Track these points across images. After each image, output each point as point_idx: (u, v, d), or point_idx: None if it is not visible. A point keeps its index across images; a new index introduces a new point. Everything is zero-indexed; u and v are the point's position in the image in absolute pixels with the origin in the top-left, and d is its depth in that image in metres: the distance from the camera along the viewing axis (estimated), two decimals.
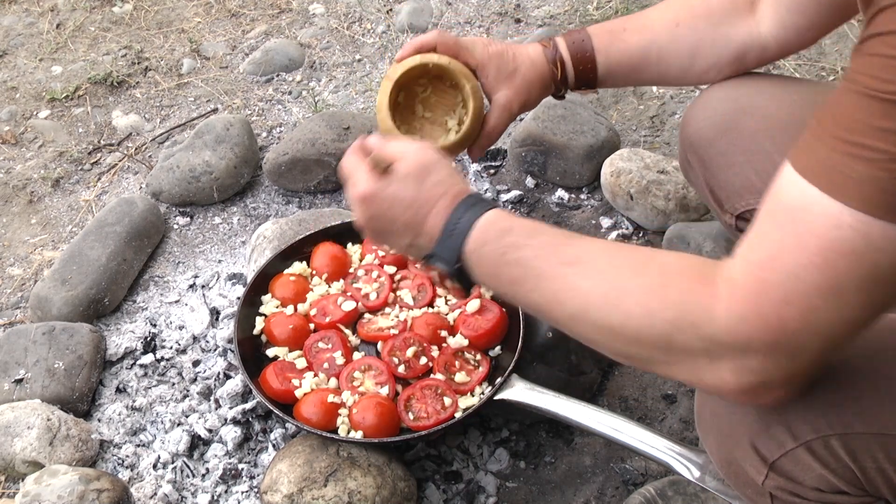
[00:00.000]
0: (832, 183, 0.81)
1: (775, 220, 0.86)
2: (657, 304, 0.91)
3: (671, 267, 0.93)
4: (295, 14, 2.99)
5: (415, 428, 1.58)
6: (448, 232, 1.10)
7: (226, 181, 2.27)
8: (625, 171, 2.07)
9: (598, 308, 0.96)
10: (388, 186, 1.14)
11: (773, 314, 0.84)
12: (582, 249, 1.01)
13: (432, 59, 1.36)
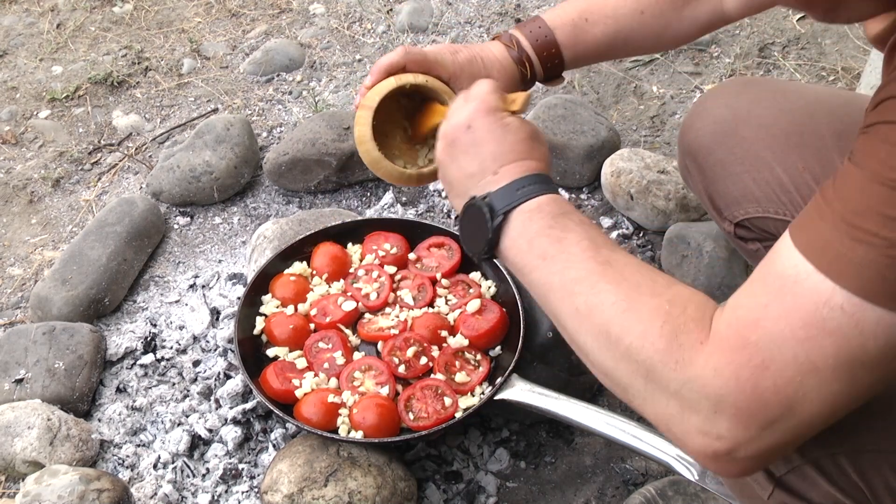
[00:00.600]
0: (830, 262, 0.80)
1: (766, 284, 0.86)
2: (656, 328, 0.91)
3: (680, 298, 0.93)
4: (295, 14, 2.99)
5: (415, 428, 1.58)
6: (516, 185, 1.09)
7: (226, 181, 2.27)
8: (625, 171, 2.07)
9: (605, 311, 0.96)
10: (508, 121, 1.13)
11: (748, 376, 0.83)
12: (616, 256, 1.01)
13: (409, 80, 1.30)
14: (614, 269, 0.99)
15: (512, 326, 1.71)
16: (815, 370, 0.81)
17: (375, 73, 1.32)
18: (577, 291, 1.00)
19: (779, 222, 1.46)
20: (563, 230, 1.04)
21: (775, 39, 2.64)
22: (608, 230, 2.11)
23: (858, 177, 0.81)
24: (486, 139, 1.13)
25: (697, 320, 0.90)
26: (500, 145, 1.12)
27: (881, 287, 0.78)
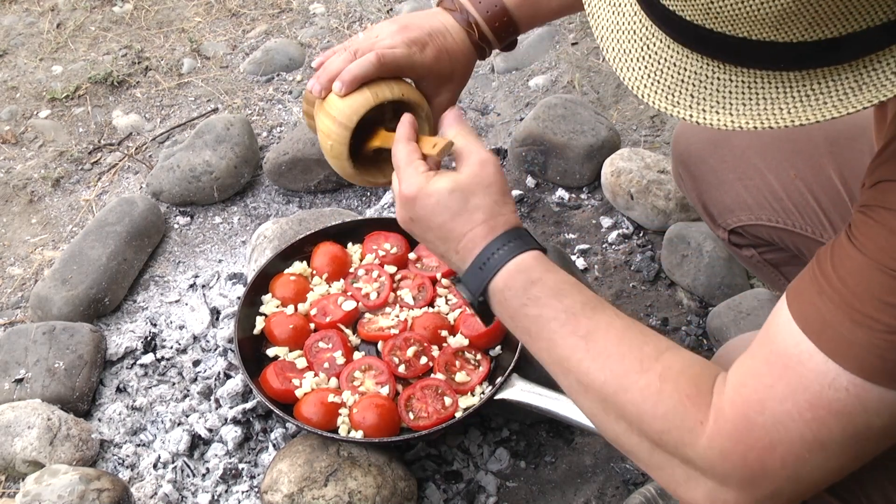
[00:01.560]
0: (831, 344, 0.81)
1: (769, 362, 0.86)
2: (650, 410, 0.92)
3: (671, 373, 0.93)
4: (295, 14, 2.99)
5: (415, 427, 1.58)
6: (478, 264, 1.07)
7: (226, 181, 2.27)
8: (625, 171, 2.07)
9: (598, 390, 0.97)
10: (435, 199, 1.09)
11: (755, 458, 0.85)
12: (596, 325, 1.00)
13: (386, 97, 1.23)
14: (596, 343, 0.98)
15: None
16: (823, 447, 0.83)
17: (349, 83, 1.23)
18: (567, 369, 1.01)
19: (771, 229, 1.45)
20: (536, 306, 1.03)
21: None
22: (608, 230, 2.11)
23: (859, 260, 0.82)
24: (427, 225, 1.11)
25: (693, 397, 0.90)
26: (443, 226, 1.10)
27: (882, 368, 0.79)
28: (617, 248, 2.08)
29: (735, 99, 0.85)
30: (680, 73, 0.87)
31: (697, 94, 0.87)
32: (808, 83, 0.81)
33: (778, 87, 0.83)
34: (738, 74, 0.84)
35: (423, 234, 1.14)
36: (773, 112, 0.83)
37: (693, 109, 0.87)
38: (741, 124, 0.84)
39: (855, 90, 0.80)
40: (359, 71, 1.21)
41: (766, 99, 0.83)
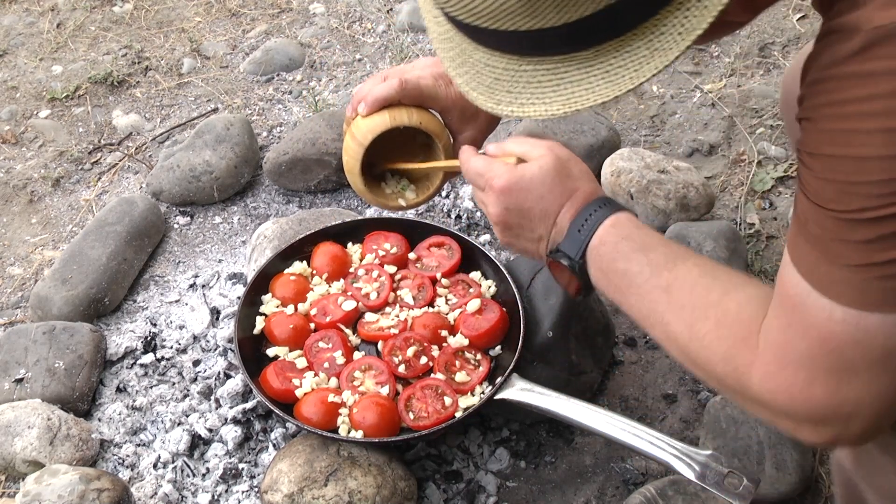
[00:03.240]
0: (819, 282, 0.85)
1: (783, 305, 0.91)
2: (711, 357, 0.99)
3: (727, 318, 0.98)
4: (295, 13, 2.99)
5: (415, 427, 1.58)
6: (577, 226, 1.12)
7: (226, 181, 2.27)
8: (625, 171, 2.07)
9: (675, 343, 1.04)
10: (529, 178, 1.14)
11: (798, 393, 0.90)
12: (676, 276, 1.05)
13: (403, 122, 1.29)
14: (675, 295, 1.03)
15: (512, 326, 1.71)
16: (852, 375, 0.86)
17: (370, 104, 1.30)
18: (653, 323, 1.07)
19: None
20: (625, 260, 1.08)
21: (775, 39, 2.64)
22: None
23: (807, 204, 0.84)
24: (527, 208, 1.15)
25: (744, 339, 0.95)
26: (540, 203, 1.14)
27: (869, 298, 0.81)
28: None
29: (545, 88, 0.90)
30: (493, 72, 0.94)
31: (514, 89, 0.93)
32: (605, 59, 0.86)
33: (579, 69, 0.88)
34: (540, 65, 0.89)
35: (521, 220, 1.18)
36: (581, 94, 0.89)
37: (514, 105, 0.93)
38: (553, 111, 0.90)
39: (647, 58, 0.85)
40: (381, 93, 1.27)
41: (572, 82, 0.89)
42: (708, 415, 1.66)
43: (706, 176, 2.23)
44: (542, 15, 0.83)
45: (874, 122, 0.74)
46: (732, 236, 1.95)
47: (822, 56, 0.79)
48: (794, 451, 1.58)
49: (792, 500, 1.59)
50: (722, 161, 2.28)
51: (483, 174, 1.18)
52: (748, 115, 2.39)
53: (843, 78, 0.76)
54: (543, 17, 0.83)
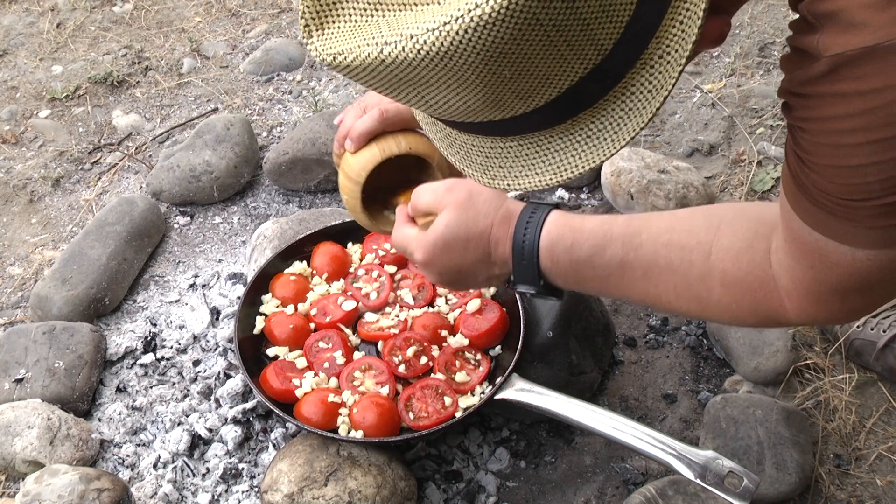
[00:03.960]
0: (834, 234, 0.86)
1: (801, 252, 0.93)
2: (738, 316, 1.04)
3: (729, 277, 1.02)
4: (295, 13, 2.99)
5: (415, 427, 1.58)
6: (518, 259, 1.11)
7: (226, 181, 2.27)
8: (625, 171, 2.07)
9: (685, 313, 1.12)
10: (442, 241, 1.13)
11: (837, 311, 0.97)
12: (646, 260, 1.06)
13: (392, 152, 1.28)
14: (658, 278, 1.06)
15: (512, 326, 1.71)
16: (884, 282, 0.91)
17: (356, 140, 1.29)
18: (654, 307, 1.16)
19: None
20: (589, 267, 1.09)
21: (775, 39, 2.64)
22: None
23: (820, 192, 0.85)
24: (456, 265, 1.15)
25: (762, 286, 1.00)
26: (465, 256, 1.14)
27: (885, 237, 0.84)
28: None
29: (534, 160, 0.92)
30: (482, 151, 0.95)
31: (504, 164, 0.94)
32: (583, 127, 0.88)
33: (562, 138, 0.89)
34: (523, 140, 0.91)
35: (460, 276, 1.18)
36: (568, 161, 0.90)
37: (508, 178, 0.95)
38: (547, 181, 0.92)
39: (624, 119, 0.86)
40: (364, 127, 1.26)
41: (558, 152, 0.90)
42: (708, 415, 1.66)
43: (706, 176, 2.23)
44: (508, 107, 0.84)
45: (858, 137, 0.76)
46: None
47: (795, 71, 0.81)
48: (794, 450, 1.58)
49: (792, 500, 1.59)
50: (722, 161, 2.28)
51: (404, 249, 1.19)
52: (748, 115, 2.39)
53: (819, 97, 0.78)
54: (510, 108, 0.84)
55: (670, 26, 0.82)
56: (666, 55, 0.83)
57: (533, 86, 0.81)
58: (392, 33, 0.77)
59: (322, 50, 0.83)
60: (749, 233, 1.02)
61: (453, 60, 0.75)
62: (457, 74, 0.77)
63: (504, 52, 0.75)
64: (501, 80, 0.79)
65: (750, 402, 1.64)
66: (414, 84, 0.81)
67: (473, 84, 0.79)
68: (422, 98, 0.84)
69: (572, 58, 0.78)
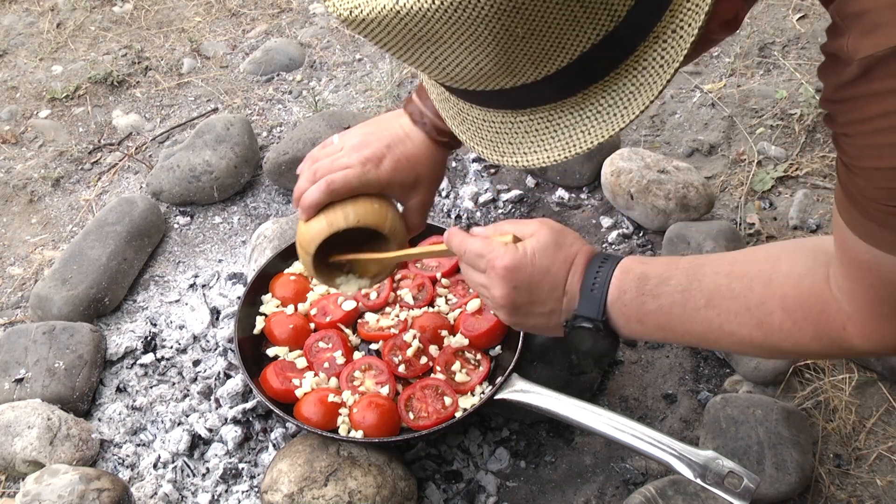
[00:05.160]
0: (888, 245, 0.87)
1: (860, 269, 0.93)
2: (801, 342, 1.03)
3: (791, 302, 1.02)
4: (295, 13, 2.99)
5: (415, 427, 1.58)
6: (588, 287, 1.13)
7: (226, 181, 2.27)
8: (625, 171, 2.07)
9: (752, 346, 1.08)
10: (531, 254, 1.15)
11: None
12: (708, 287, 1.07)
13: (340, 225, 1.27)
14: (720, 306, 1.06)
15: None
16: None
17: (305, 211, 1.28)
18: (716, 340, 1.10)
19: None
20: (653, 298, 1.09)
21: (775, 39, 2.64)
22: (608, 230, 2.11)
23: (867, 202, 0.85)
24: (535, 283, 1.15)
25: (823, 311, 0.99)
26: (546, 276, 1.15)
27: None
28: (617, 247, 2.08)
29: (544, 136, 0.93)
30: (492, 127, 0.96)
31: (514, 140, 0.95)
32: (594, 101, 0.88)
33: (572, 113, 0.90)
34: (534, 114, 0.92)
35: (529, 298, 1.18)
36: (578, 137, 0.91)
37: (517, 155, 0.96)
38: (556, 157, 0.93)
39: (634, 94, 0.87)
40: (311, 200, 1.26)
41: (568, 127, 0.91)
42: (708, 415, 1.66)
43: (706, 176, 2.23)
44: (520, 72, 0.84)
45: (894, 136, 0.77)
46: (732, 236, 1.95)
47: (831, 77, 0.82)
48: (794, 450, 1.58)
49: (792, 500, 1.59)
50: (722, 161, 2.28)
51: (483, 255, 1.17)
52: (748, 115, 2.39)
53: (855, 99, 0.79)
54: (523, 73, 0.84)
55: (685, 0, 0.82)
56: (679, 30, 0.83)
57: (545, 49, 0.81)
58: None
59: (339, 4, 0.83)
60: (808, 259, 1.03)
61: (467, 12, 0.75)
62: (470, 29, 0.77)
63: (517, 6, 0.75)
64: (514, 39, 0.79)
65: (750, 402, 1.64)
66: (428, 42, 0.81)
67: (486, 41, 0.79)
68: (435, 60, 0.83)
69: (585, 21, 0.79)
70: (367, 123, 1.35)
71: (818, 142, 2.30)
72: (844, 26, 0.78)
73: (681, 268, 1.10)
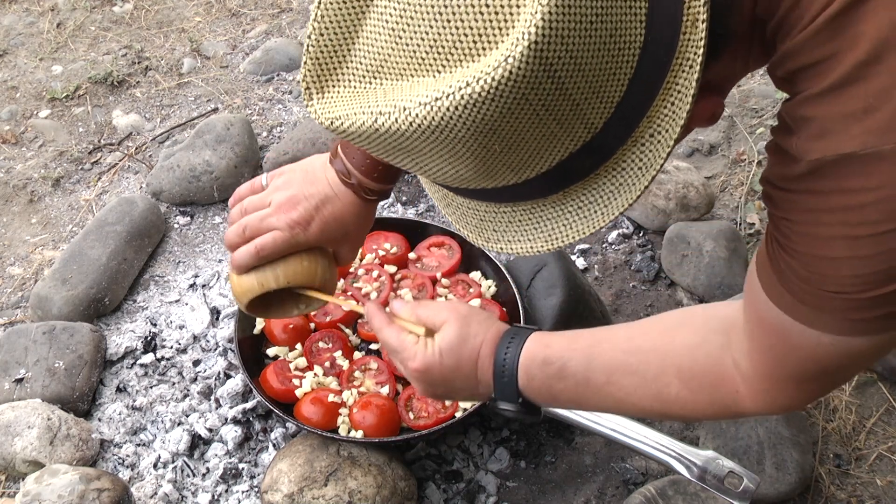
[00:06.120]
0: (804, 318, 0.88)
1: (764, 330, 0.95)
2: (697, 409, 1.08)
3: (687, 373, 1.06)
4: (295, 13, 2.99)
5: (415, 427, 1.58)
6: (499, 377, 1.16)
7: (226, 181, 2.27)
8: None
9: (650, 412, 1.13)
10: (441, 354, 1.17)
11: (791, 401, 1.00)
12: (608, 364, 1.11)
13: (270, 286, 1.28)
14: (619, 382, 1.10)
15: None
16: (838, 373, 0.96)
17: (236, 268, 1.30)
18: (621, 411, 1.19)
19: None
20: (558, 381, 1.13)
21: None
22: (608, 230, 2.11)
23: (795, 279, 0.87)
24: (448, 379, 1.18)
25: (721, 380, 1.03)
26: (457, 372, 1.18)
27: (852, 327, 0.86)
28: (617, 247, 2.08)
29: (527, 226, 0.95)
30: (476, 214, 0.99)
31: (498, 228, 0.98)
32: (575, 198, 0.90)
33: (553, 207, 0.92)
34: (516, 206, 0.94)
35: (446, 391, 1.23)
36: (560, 230, 0.93)
37: (502, 242, 0.98)
38: (538, 248, 0.95)
39: (614, 194, 0.88)
40: (243, 261, 1.28)
41: (549, 220, 0.93)
42: None
43: (706, 176, 2.23)
44: (499, 177, 0.85)
45: (836, 231, 0.80)
46: (732, 236, 1.95)
47: (777, 167, 0.84)
48: (794, 450, 1.58)
49: (792, 500, 1.59)
50: (722, 161, 2.28)
51: (398, 352, 1.21)
52: (748, 115, 2.39)
53: (802, 192, 0.81)
54: (502, 178, 0.86)
55: (662, 106, 0.83)
56: (657, 134, 0.84)
57: (523, 160, 0.83)
58: (387, 104, 0.79)
59: (321, 113, 0.86)
60: (703, 328, 1.07)
61: (444, 134, 0.77)
62: (448, 146, 0.80)
63: (494, 128, 0.77)
64: (492, 154, 0.81)
65: None
66: (408, 151, 0.83)
67: (464, 156, 0.81)
68: (416, 164, 0.86)
69: (562, 135, 0.80)
70: (294, 171, 1.37)
71: None
72: (795, 127, 0.80)
73: (580, 348, 1.13)
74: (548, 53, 0.72)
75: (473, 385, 1.19)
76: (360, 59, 0.83)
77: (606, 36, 0.75)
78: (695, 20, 0.80)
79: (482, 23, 0.73)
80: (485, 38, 0.74)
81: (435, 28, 0.75)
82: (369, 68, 0.82)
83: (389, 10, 0.78)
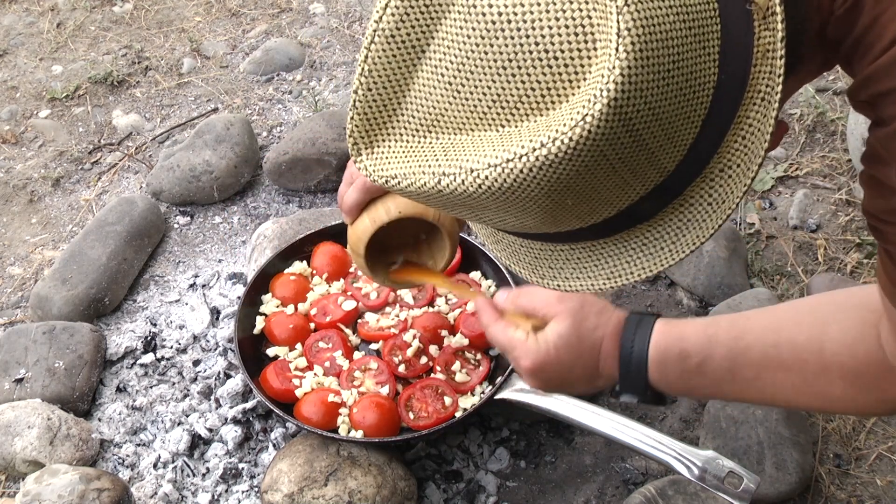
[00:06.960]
0: None
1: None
2: (866, 405, 1.05)
3: (849, 371, 1.02)
4: (295, 13, 2.99)
5: (415, 427, 1.58)
6: (625, 371, 1.13)
7: (226, 181, 2.27)
8: None
9: (806, 408, 1.12)
10: (555, 351, 1.14)
11: None
12: (756, 360, 1.07)
13: (383, 220, 1.27)
14: (771, 378, 1.07)
15: None
16: None
17: (347, 213, 1.29)
18: (772, 405, 1.15)
19: None
20: (699, 375, 1.09)
21: None
22: None
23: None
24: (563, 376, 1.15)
25: (885, 376, 1.00)
26: (574, 369, 1.14)
27: None
28: None
29: (586, 264, 0.90)
30: (530, 252, 0.94)
31: (555, 265, 0.93)
32: (640, 235, 0.86)
33: (616, 245, 0.87)
34: (575, 245, 0.89)
35: (564, 385, 1.20)
36: (623, 267, 0.88)
37: (558, 279, 0.93)
38: (600, 286, 0.90)
39: (682, 229, 0.84)
40: (350, 201, 1.27)
41: (612, 257, 0.88)
42: (708, 415, 1.66)
43: None
44: (564, 224, 0.82)
45: None
46: (732, 236, 1.95)
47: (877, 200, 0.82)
48: (794, 450, 1.58)
49: (792, 500, 1.59)
50: None
51: (508, 351, 1.18)
52: None
53: None
54: (566, 224, 0.82)
55: (732, 140, 0.80)
56: (727, 168, 0.81)
57: (593, 209, 0.79)
58: (450, 163, 0.74)
59: (373, 171, 0.81)
60: (857, 323, 1.03)
61: (515, 195, 0.74)
62: (517, 204, 0.76)
63: (568, 186, 0.73)
64: (563, 208, 0.78)
65: None
66: (471, 208, 0.79)
67: (533, 211, 0.77)
68: (477, 217, 0.83)
69: (634, 182, 0.77)
70: None
71: (818, 142, 2.30)
72: (889, 158, 0.77)
73: (721, 342, 1.09)
74: (627, 108, 0.68)
75: (592, 377, 1.15)
76: (413, 112, 0.78)
77: (683, 81, 0.72)
78: (765, 51, 0.76)
79: (551, 76, 0.69)
80: (553, 91, 0.70)
81: (498, 82, 0.71)
82: (423, 122, 0.78)
83: (445, 64, 0.73)
